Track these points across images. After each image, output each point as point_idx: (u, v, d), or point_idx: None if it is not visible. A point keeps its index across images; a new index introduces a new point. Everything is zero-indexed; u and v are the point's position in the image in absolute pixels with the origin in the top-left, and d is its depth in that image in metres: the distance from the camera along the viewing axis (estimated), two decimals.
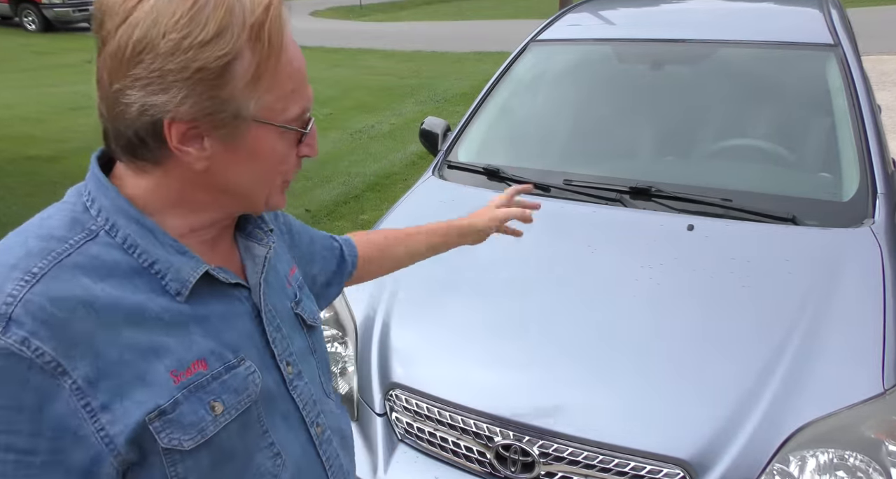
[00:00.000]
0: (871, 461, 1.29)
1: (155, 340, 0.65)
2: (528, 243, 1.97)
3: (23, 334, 0.56)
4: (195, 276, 0.69)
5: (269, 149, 0.70)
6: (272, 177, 0.73)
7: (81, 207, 0.68)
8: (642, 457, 1.36)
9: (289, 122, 0.70)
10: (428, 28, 16.04)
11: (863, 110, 2.12)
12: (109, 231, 0.66)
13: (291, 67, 0.68)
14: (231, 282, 0.74)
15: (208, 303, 0.72)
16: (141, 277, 0.66)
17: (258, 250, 0.81)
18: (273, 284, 0.83)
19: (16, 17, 14.67)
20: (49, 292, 0.59)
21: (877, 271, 1.68)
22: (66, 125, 7.00)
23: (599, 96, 2.62)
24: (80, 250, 0.63)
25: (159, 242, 0.68)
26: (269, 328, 0.78)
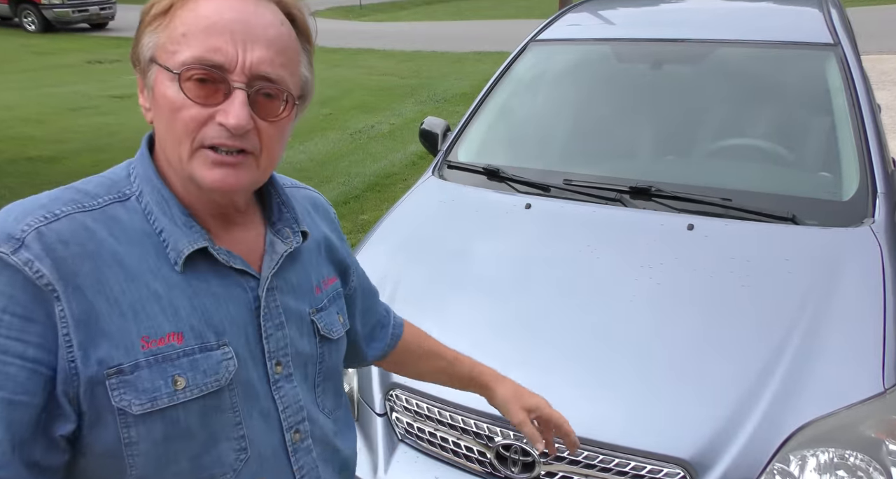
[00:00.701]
0: (871, 461, 1.29)
1: (140, 301, 0.68)
2: (528, 242, 1.98)
3: (28, 256, 0.63)
4: (190, 249, 0.71)
5: (161, 94, 0.69)
6: (175, 132, 0.69)
7: (126, 173, 0.75)
8: (643, 457, 1.36)
9: (176, 66, 0.67)
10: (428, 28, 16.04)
11: (862, 110, 2.12)
12: (139, 197, 0.73)
13: (193, 14, 0.68)
14: (235, 266, 0.75)
15: (208, 280, 0.73)
16: (151, 241, 0.71)
17: (279, 247, 0.81)
18: (294, 283, 0.83)
19: (15, 18, 14.66)
20: (62, 231, 0.66)
21: (877, 270, 1.68)
22: (66, 126, 7.00)
23: (599, 96, 2.62)
24: (105, 209, 0.70)
25: (171, 211, 0.72)
26: (265, 323, 0.78)
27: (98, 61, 11.33)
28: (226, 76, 0.68)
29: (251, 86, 0.69)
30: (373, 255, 2.01)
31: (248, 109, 0.68)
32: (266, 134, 0.72)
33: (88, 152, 6.03)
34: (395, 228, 2.16)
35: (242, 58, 0.68)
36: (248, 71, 0.68)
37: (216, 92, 0.68)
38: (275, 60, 0.70)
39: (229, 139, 0.69)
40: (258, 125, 0.71)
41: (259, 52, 0.68)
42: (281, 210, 0.84)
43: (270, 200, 0.84)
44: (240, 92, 0.68)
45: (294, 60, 0.74)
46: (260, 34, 0.69)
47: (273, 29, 0.70)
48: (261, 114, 0.71)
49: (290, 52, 0.73)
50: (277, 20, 0.71)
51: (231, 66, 0.67)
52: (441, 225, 2.13)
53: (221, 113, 0.68)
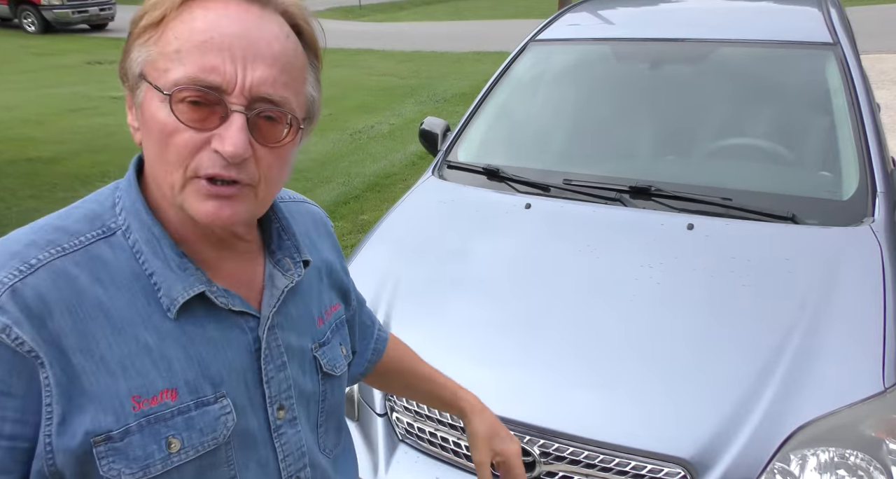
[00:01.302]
0: (871, 460, 1.29)
1: (129, 356, 0.62)
2: (528, 242, 1.98)
3: (5, 321, 0.57)
4: (186, 295, 0.65)
5: (151, 116, 0.62)
6: (166, 159, 0.62)
7: (111, 202, 0.68)
8: (643, 456, 1.36)
9: (167, 86, 0.60)
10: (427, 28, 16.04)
11: (862, 109, 2.12)
12: (126, 232, 0.66)
13: (188, 26, 0.60)
14: (234, 309, 0.69)
15: (204, 326, 0.67)
16: (140, 285, 0.64)
17: (280, 281, 0.74)
18: (294, 318, 0.76)
19: (15, 19, 14.66)
20: (39, 286, 0.59)
21: (876, 269, 1.68)
22: (65, 127, 7.00)
23: (599, 96, 2.62)
24: (88, 248, 0.63)
25: (163, 252, 0.65)
26: (266, 367, 0.71)
27: (98, 62, 11.33)
28: (223, 98, 0.61)
29: (251, 108, 0.62)
30: (373, 255, 2.01)
31: (246, 135, 0.61)
32: (266, 162, 0.64)
33: (88, 153, 6.03)
34: (395, 228, 2.16)
35: (242, 77, 0.61)
36: (247, 92, 0.61)
37: (212, 115, 0.61)
38: (278, 80, 0.63)
39: (225, 169, 0.62)
40: (257, 152, 0.64)
41: (260, 71, 0.61)
42: (281, 237, 0.77)
43: (269, 225, 0.77)
44: (238, 116, 0.61)
45: (299, 78, 0.67)
46: (263, 50, 0.62)
47: (277, 44, 0.63)
48: (261, 139, 0.64)
49: (296, 70, 0.66)
50: (283, 33, 0.64)
51: (229, 88, 0.60)
52: (441, 225, 2.13)
53: (217, 139, 0.61)
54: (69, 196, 4.93)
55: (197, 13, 0.61)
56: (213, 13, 0.61)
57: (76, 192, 5.03)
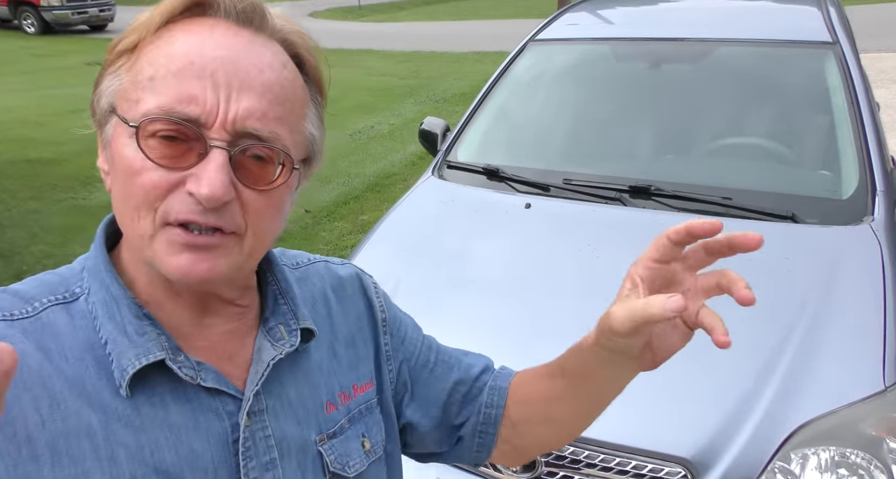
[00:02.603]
0: (872, 459, 1.29)
1: (64, 437, 0.50)
2: (528, 242, 1.98)
3: None
4: (136, 365, 0.53)
5: (118, 152, 0.53)
6: (132, 202, 0.52)
7: (81, 266, 0.59)
8: (644, 456, 1.36)
9: (135, 118, 0.51)
10: (426, 28, 16.05)
11: (861, 108, 2.12)
12: (88, 296, 0.57)
13: (165, 51, 0.52)
14: (205, 385, 0.56)
15: (166, 407, 0.55)
16: (93, 355, 0.54)
17: (267, 354, 0.61)
18: (293, 401, 0.62)
19: (14, 20, 14.67)
20: None
21: (876, 268, 1.68)
22: (65, 128, 6.99)
23: (598, 95, 2.62)
24: (39, 315, 0.54)
25: (120, 314, 0.55)
26: (245, 464, 0.57)
27: (97, 63, 11.21)
28: (201, 132, 0.51)
29: (234, 145, 0.52)
30: (373, 255, 2.01)
31: (227, 175, 0.51)
32: (254, 207, 0.54)
33: (88, 154, 6.02)
34: (395, 228, 2.16)
35: (225, 109, 0.51)
36: (230, 126, 0.52)
37: (188, 152, 0.52)
38: (268, 114, 0.53)
39: (200, 215, 0.51)
40: (242, 196, 0.54)
41: (248, 101, 0.52)
42: (277, 301, 0.65)
43: (266, 288, 0.65)
44: (219, 152, 0.51)
45: (296, 113, 0.57)
46: (253, 78, 0.53)
47: (271, 72, 0.54)
48: (248, 181, 0.54)
49: (293, 103, 0.56)
50: (278, 62, 0.55)
51: (209, 121, 0.51)
52: (441, 225, 2.13)
53: (192, 179, 0.51)
54: (69, 197, 4.94)
55: (177, 36, 0.52)
56: (196, 36, 0.52)
57: (76, 193, 5.03)
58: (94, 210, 4.71)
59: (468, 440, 0.78)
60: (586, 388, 0.75)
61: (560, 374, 0.76)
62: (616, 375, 0.73)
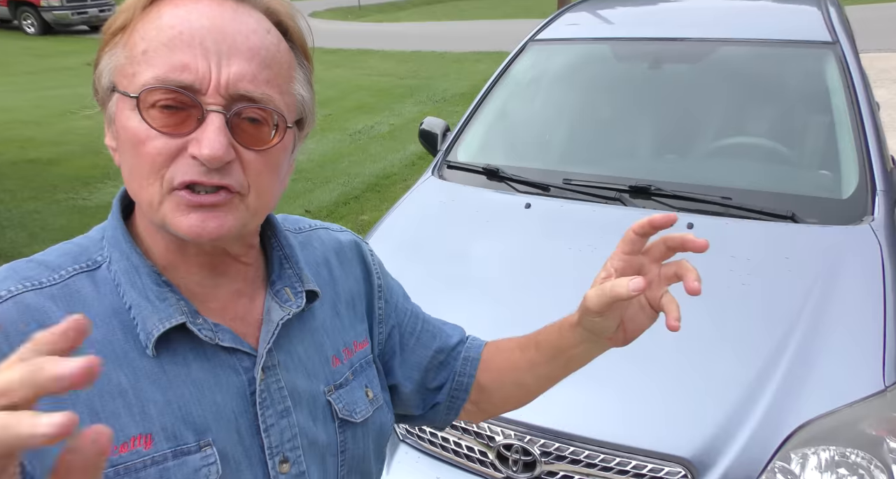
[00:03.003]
0: (872, 459, 1.29)
1: (98, 396, 0.55)
2: (528, 242, 1.98)
3: None
4: (160, 329, 0.58)
5: (122, 125, 0.56)
6: (140, 171, 0.56)
7: (100, 235, 0.63)
8: (644, 456, 1.36)
9: (135, 90, 0.54)
10: (426, 28, 16.05)
11: (861, 108, 2.12)
12: (109, 264, 0.61)
13: (155, 25, 0.55)
14: (223, 344, 0.61)
15: (188, 364, 0.60)
16: (119, 320, 0.58)
17: (276, 314, 0.66)
18: (302, 356, 0.68)
19: (14, 20, 14.67)
20: (8, 315, 0.54)
21: (876, 268, 1.68)
22: (65, 128, 7.00)
23: (598, 95, 2.62)
24: (67, 282, 0.58)
25: (141, 281, 0.60)
26: (263, 413, 0.63)
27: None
28: (197, 99, 0.54)
29: (230, 108, 0.56)
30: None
31: (226, 137, 0.55)
32: (254, 167, 0.58)
33: (88, 155, 6.03)
34: (395, 228, 2.16)
35: (217, 74, 0.54)
36: (223, 90, 0.55)
37: (187, 119, 0.55)
38: (258, 76, 0.56)
39: (205, 175, 0.55)
40: (242, 156, 0.57)
41: (238, 65, 0.55)
42: (282, 265, 0.70)
43: (272, 253, 0.70)
44: (216, 116, 0.55)
45: (285, 76, 0.60)
46: (240, 43, 0.55)
47: (256, 37, 0.57)
48: (245, 142, 0.57)
49: (280, 66, 0.59)
50: (262, 28, 0.58)
51: (203, 86, 0.54)
52: (441, 225, 2.13)
53: (194, 143, 0.55)
54: (69, 198, 4.94)
55: (165, 10, 0.56)
56: (183, 9, 0.55)
57: (76, 193, 5.03)
58: (93, 210, 4.71)
59: (442, 404, 0.86)
60: (558, 360, 0.82)
61: (534, 347, 0.83)
62: (589, 350, 0.82)
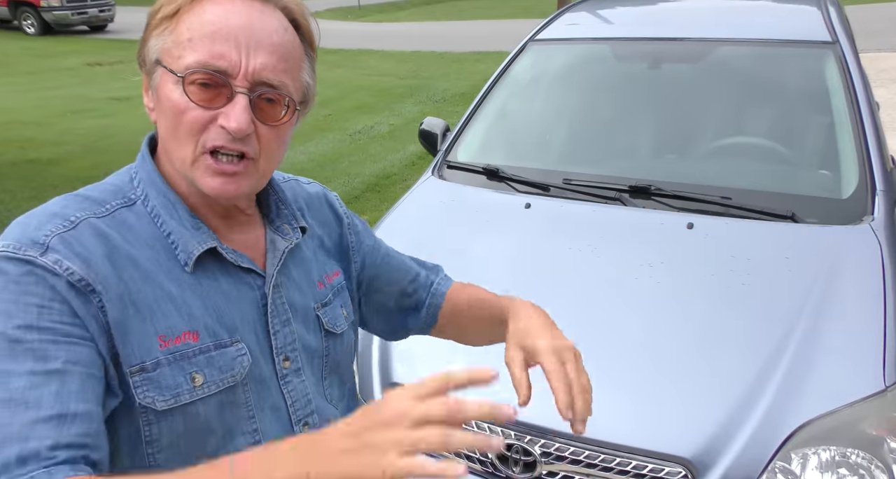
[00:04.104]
0: (872, 459, 1.29)
1: (156, 301, 0.70)
2: (528, 242, 1.98)
3: (56, 256, 0.65)
4: (200, 249, 0.74)
5: (166, 96, 0.71)
6: (180, 134, 0.71)
7: (128, 177, 0.77)
8: (644, 456, 1.36)
9: (180, 69, 0.69)
10: (426, 28, 16.04)
11: (861, 107, 2.12)
12: (144, 201, 0.75)
13: (199, 19, 0.69)
14: (242, 265, 0.77)
15: (217, 279, 0.75)
16: (161, 244, 0.73)
17: (280, 244, 0.83)
18: (297, 279, 0.85)
19: (14, 21, 14.65)
20: (81, 237, 0.68)
21: (876, 267, 1.68)
22: (66, 128, 7.00)
23: (598, 95, 2.62)
24: (114, 214, 0.72)
25: (178, 214, 0.75)
26: (272, 320, 0.80)
27: (98, 63, 11.33)
28: (229, 81, 0.69)
29: (253, 91, 0.70)
30: None
31: (249, 114, 0.70)
32: (266, 138, 0.73)
33: (89, 155, 6.03)
34: (395, 228, 2.16)
35: (245, 63, 0.69)
36: (250, 77, 0.70)
37: (219, 95, 0.70)
38: (277, 66, 0.71)
39: (230, 142, 0.70)
40: (258, 129, 0.72)
41: (262, 58, 0.70)
42: (279, 207, 0.86)
43: (268, 198, 0.86)
44: (242, 96, 0.70)
45: (296, 66, 0.75)
46: (264, 40, 0.70)
47: (277, 35, 0.72)
48: (262, 118, 0.72)
49: (293, 59, 0.74)
50: (281, 27, 0.73)
51: (234, 72, 0.69)
52: (441, 225, 2.13)
53: (223, 116, 0.70)
54: None
55: (207, 7, 0.70)
56: (221, 8, 0.70)
57: None
58: None
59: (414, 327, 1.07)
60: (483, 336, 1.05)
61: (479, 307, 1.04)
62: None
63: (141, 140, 0.79)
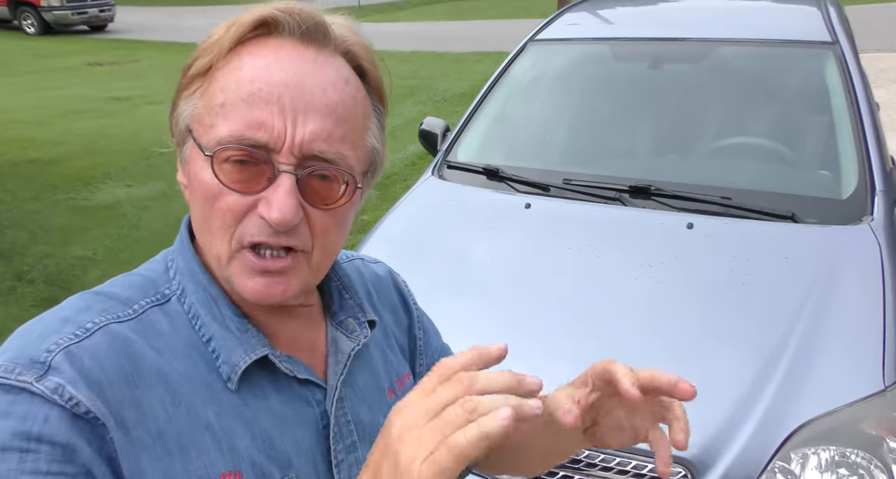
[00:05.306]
0: (872, 458, 1.29)
1: (189, 433, 0.55)
2: (528, 242, 1.98)
3: (58, 381, 0.50)
4: (246, 361, 0.58)
5: (195, 177, 0.57)
6: (211, 225, 0.56)
7: (164, 267, 0.62)
8: (644, 456, 1.36)
9: (210, 145, 0.55)
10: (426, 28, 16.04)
11: (861, 108, 2.12)
12: (181, 297, 0.60)
13: (236, 77, 0.55)
14: (299, 376, 0.62)
15: (268, 398, 0.60)
16: (199, 353, 0.58)
17: (345, 345, 0.67)
18: (363, 389, 0.68)
19: (15, 21, 14.66)
20: (96, 349, 0.53)
21: (876, 268, 1.68)
22: (66, 128, 7.00)
23: (598, 95, 2.62)
24: (141, 317, 0.57)
25: (220, 313, 0.59)
26: (335, 447, 0.63)
27: (98, 63, 11.33)
28: (270, 157, 0.54)
29: (302, 167, 0.55)
30: (373, 255, 2.01)
31: (296, 198, 0.55)
32: (320, 225, 0.57)
33: (88, 155, 6.03)
34: (395, 228, 2.16)
35: (292, 133, 0.54)
36: (297, 150, 0.54)
37: (259, 175, 0.55)
38: (333, 134, 0.56)
39: (272, 237, 0.55)
40: (309, 215, 0.57)
41: (313, 124, 0.54)
42: (342, 296, 0.70)
43: (328, 284, 0.70)
44: (287, 177, 0.54)
45: (359, 129, 0.59)
46: (317, 100, 0.55)
47: (334, 92, 0.56)
48: (313, 200, 0.57)
49: (355, 119, 0.58)
50: (341, 79, 0.57)
51: (277, 146, 0.54)
52: (441, 225, 2.13)
53: (264, 203, 0.55)
54: (69, 198, 4.94)
55: (245, 60, 0.55)
56: (263, 60, 0.55)
57: (76, 193, 5.03)
58: (94, 211, 4.71)
59: None
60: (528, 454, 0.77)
61: None
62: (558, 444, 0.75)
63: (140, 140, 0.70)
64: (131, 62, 11.48)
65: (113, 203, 4.86)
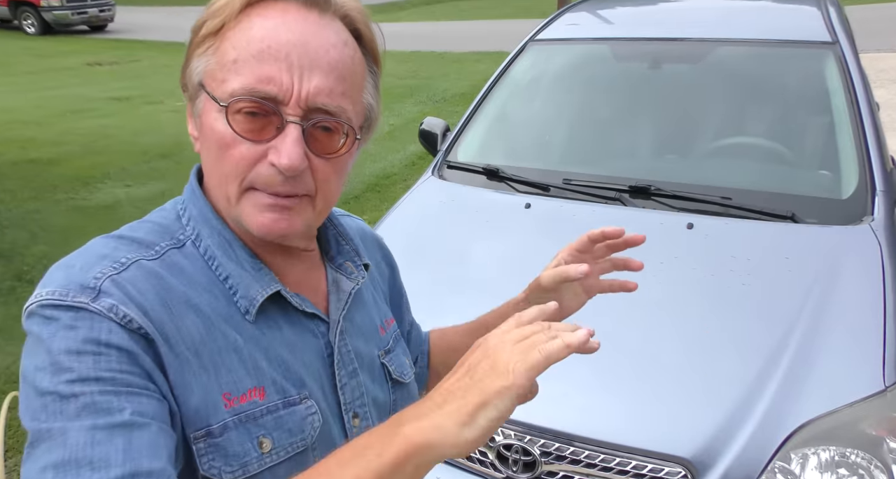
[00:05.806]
0: (872, 459, 1.29)
1: (219, 353, 0.61)
2: (528, 242, 1.98)
3: (111, 301, 0.56)
4: (263, 295, 0.65)
5: (209, 127, 0.62)
6: (223, 170, 0.62)
7: (175, 215, 0.68)
8: (644, 456, 1.36)
9: (224, 97, 0.60)
10: (426, 28, 16.04)
11: (861, 108, 2.12)
12: (195, 241, 0.66)
13: (246, 36, 0.60)
14: (306, 311, 0.69)
15: (281, 328, 0.67)
16: (219, 289, 0.64)
17: (345, 284, 0.75)
18: (360, 324, 0.76)
19: (15, 20, 14.67)
20: (134, 279, 0.59)
21: (876, 268, 1.68)
22: (66, 128, 7.00)
23: (598, 95, 2.62)
24: (163, 257, 0.63)
25: (235, 255, 0.66)
26: (339, 372, 0.71)
27: (98, 63, 11.33)
28: (279, 109, 0.60)
29: (307, 119, 0.61)
30: None
31: (302, 147, 0.61)
32: (322, 172, 0.64)
33: (88, 155, 6.03)
34: (395, 228, 2.16)
35: (298, 88, 0.60)
36: (303, 103, 0.60)
37: (268, 125, 0.61)
38: (335, 90, 0.62)
39: (281, 184, 0.61)
40: (313, 163, 0.63)
41: (317, 80, 0.60)
42: (339, 243, 0.78)
43: (326, 232, 0.78)
44: (294, 127, 0.60)
45: (357, 86, 0.66)
46: (320, 58, 0.61)
47: (335, 51, 0.62)
48: (317, 150, 0.63)
49: (354, 78, 0.65)
50: (340, 40, 0.63)
51: (285, 98, 0.60)
52: (441, 225, 2.13)
53: (273, 151, 0.60)
54: (69, 198, 4.94)
55: (255, 21, 0.61)
56: (271, 21, 0.60)
57: (76, 193, 5.03)
58: (94, 210, 4.71)
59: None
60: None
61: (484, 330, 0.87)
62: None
63: (140, 140, 0.74)
64: (131, 62, 11.48)
65: (113, 203, 4.86)
